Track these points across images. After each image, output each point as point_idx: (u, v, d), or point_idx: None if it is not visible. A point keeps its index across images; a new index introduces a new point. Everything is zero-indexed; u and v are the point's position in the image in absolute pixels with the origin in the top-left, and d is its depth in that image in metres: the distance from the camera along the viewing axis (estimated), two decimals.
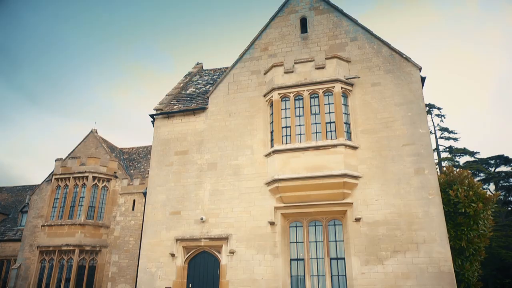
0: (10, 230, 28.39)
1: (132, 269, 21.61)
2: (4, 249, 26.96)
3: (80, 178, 23.98)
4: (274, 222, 11.74)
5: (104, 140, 28.31)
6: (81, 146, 27.24)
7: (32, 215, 25.12)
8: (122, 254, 22.91)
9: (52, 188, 24.29)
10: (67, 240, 22.48)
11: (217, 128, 13.61)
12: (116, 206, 24.23)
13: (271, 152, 12.22)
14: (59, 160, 24.88)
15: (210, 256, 12.31)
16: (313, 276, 11.24)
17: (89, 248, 22.65)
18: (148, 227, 13.12)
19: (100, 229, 23.44)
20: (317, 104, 12.37)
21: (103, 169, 24.45)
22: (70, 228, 22.84)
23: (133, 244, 22.68)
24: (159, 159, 13.91)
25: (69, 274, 21.92)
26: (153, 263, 12.51)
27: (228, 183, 12.71)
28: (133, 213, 23.91)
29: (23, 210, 28.52)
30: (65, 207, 23.46)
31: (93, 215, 23.44)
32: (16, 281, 23.40)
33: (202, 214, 12.56)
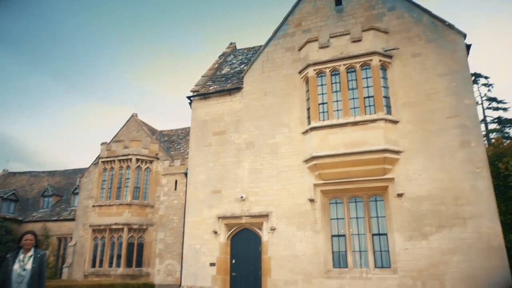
0: (64, 211, 30.38)
1: (178, 245, 22.56)
2: (61, 228, 28.95)
3: (124, 161, 25.05)
4: (314, 199, 11.77)
5: (145, 124, 29.24)
6: (124, 129, 28.31)
7: (83, 196, 26.68)
8: (168, 232, 23.94)
9: (99, 170, 25.59)
10: (116, 219, 23.78)
11: (253, 107, 13.64)
12: (159, 187, 25.19)
13: (308, 130, 12.13)
14: (104, 144, 26.08)
15: (251, 233, 12.60)
16: (355, 251, 11.25)
17: (137, 227, 23.85)
18: (190, 206, 13.58)
19: (145, 209, 24.55)
20: (354, 79, 12.06)
21: (145, 151, 25.37)
22: (118, 208, 24.10)
23: (177, 222, 23.59)
24: (198, 140, 14.21)
25: (120, 251, 23.28)
26: (197, 240, 13.00)
27: (266, 162, 12.81)
28: (175, 192, 24.77)
29: (75, 192, 30.32)
30: (112, 188, 24.72)
31: (139, 195, 24.54)
32: (74, 257, 25.19)
33: (242, 193, 12.80)
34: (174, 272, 22.86)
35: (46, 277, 5.98)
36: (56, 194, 32.16)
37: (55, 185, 33.60)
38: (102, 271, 22.91)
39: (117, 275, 22.21)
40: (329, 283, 10.97)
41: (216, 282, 12.28)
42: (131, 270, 23.06)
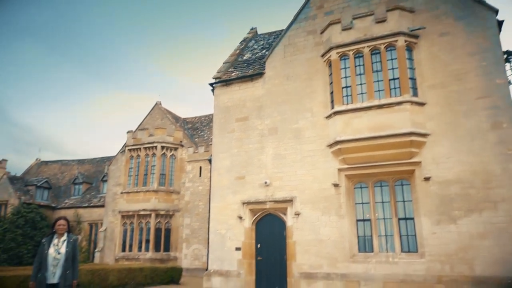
0: (94, 197, 31.42)
1: (204, 231, 23.01)
2: (91, 214, 30.02)
3: (149, 148, 25.55)
4: (338, 183, 11.69)
5: (169, 111, 29.62)
6: (148, 118, 28.80)
7: (112, 183, 27.47)
8: (194, 217, 24.43)
9: (126, 158, 26.23)
10: (143, 205, 24.42)
11: (275, 93, 13.56)
12: (184, 173, 25.62)
13: (332, 114, 11.98)
14: (130, 132, 26.64)
15: (276, 218, 12.68)
16: (380, 236, 11.16)
17: (164, 213, 24.43)
18: (215, 192, 13.76)
19: (171, 195, 25.06)
20: (378, 61, 11.75)
21: (170, 138, 25.78)
22: (145, 195, 24.72)
23: (203, 208, 24.00)
24: (221, 127, 14.29)
25: (148, 236, 23.97)
26: (222, 225, 13.20)
27: (290, 147, 12.77)
28: (200, 179, 25.15)
29: (104, 179, 31.27)
30: (139, 175, 25.34)
31: (165, 182, 25.06)
32: (104, 242, 26.13)
33: (265, 178, 12.85)
34: (201, 256, 23.39)
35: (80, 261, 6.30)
36: (86, 181, 33.28)
37: (84, 173, 34.72)
38: (131, 255, 23.70)
39: (146, 259, 22.93)
40: (354, 267, 10.96)
41: (242, 266, 12.48)
42: (159, 254, 23.73)
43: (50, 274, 5.96)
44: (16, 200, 29.78)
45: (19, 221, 28.06)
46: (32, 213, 28.91)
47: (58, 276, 5.97)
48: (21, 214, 28.43)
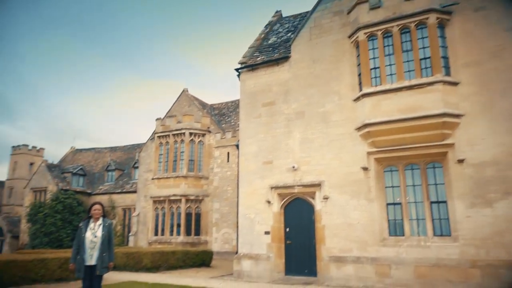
0: (127, 183, 32.43)
1: (233, 215, 23.36)
2: (125, 199, 31.05)
3: (178, 135, 25.98)
4: (367, 167, 11.52)
5: (196, 98, 29.90)
6: (176, 105, 29.19)
7: (143, 170, 28.23)
8: (223, 202, 24.81)
9: (156, 145, 26.81)
10: (173, 191, 25.00)
11: (301, 76, 13.40)
12: (212, 159, 25.95)
13: (360, 96, 11.74)
14: (159, 120, 27.14)
15: (304, 202, 12.68)
16: (412, 220, 10.97)
17: (193, 198, 24.93)
18: (243, 177, 13.89)
19: (200, 180, 25.50)
20: (408, 40, 11.35)
21: (197, 125, 26.08)
22: (175, 180, 25.27)
23: (231, 193, 24.31)
24: (247, 112, 14.31)
25: (179, 220, 24.59)
26: (251, 210, 13.35)
27: (317, 131, 12.65)
28: (228, 164, 25.41)
29: (135, 166, 32.16)
30: (168, 161, 25.89)
31: (193, 168, 25.51)
32: (138, 226, 27.04)
33: (293, 163, 12.83)
34: (231, 240, 23.81)
35: (115, 244, 6.59)
36: (118, 168, 34.34)
37: (117, 160, 35.82)
38: (164, 239, 24.44)
39: (178, 242, 23.59)
40: (385, 251, 10.86)
41: (271, 250, 12.62)
42: (190, 238, 24.35)
43: (88, 256, 6.26)
44: (54, 186, 31.17)
45: (58, 206, 29.48)
46: (69, 199, 30.27)
47: (96, 258, 6.27)
48: (59, 200, 29.83)
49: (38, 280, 11.33)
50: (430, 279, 10.03)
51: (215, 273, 14.93)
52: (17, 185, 45.59)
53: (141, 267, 15.23)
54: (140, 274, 14.24)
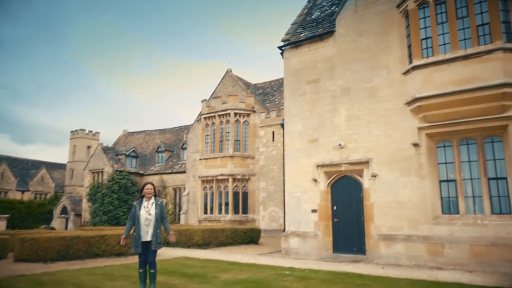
0: (176, 164, 33.61)
1: (279, 193, 23.55)
2: (175, 180, 32.27)
3: (223, 115, 26.36)
4: (418, 143, 11.05)
5: (239, 78, 29.99)
6: (220, 86, 29.50)
7: (190, 150, 29.07)
8: (269, 181, 25.04)
9: (202, 126, 27.41)
10: (220, 170, 25.57)
11: (347, 51, 12.96)
12: (257, 138, 26.12)
13: (410, 69, 11.17)
14: (204, 101, 27.63)
15: (351, 180, 12.48)
16: (467, 197, 10.45)
17: (240, 177, 25.38)
18: (288, 155, 13.88)
19: (246, 160, 25.84)
20: (464, 6, 10.53)
21: (242, 105, 26.25)
22: (222, 160, 25.82)
23: (277, 171, 24.44)
24: (292, 90, 14.15)
25: (227, 199, 25.22)
26: (297, 188, 13.37)
27: (364, 107, 12.27)
28: (273, 143, 25.48)
29: (183, 147, 33.18)
30: (215, 142, 26.44)
31: (239, 148, 25.86)
32: (188, 205, 28.09)
33: (339, 140, 12.60)
34: (278, 218, 24.10)
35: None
36: (167, 149, 35.61)
37: (166, 142, 37.13)
38: (213, 217, 25.25)
39: (226, 220, 24.28)
40: (438, 229, 10.48)
41: (318, 228, 12.63)
42: (238, 216, 24.94)
43: (144, 233, 6.61)
44: (110, 168, 33.01)
45: (114, 186, 31.31)
46: (124, 179, 32.01)
47: (151, 235, 6.61)
48: (115, 180, 31.64)
49: (99, 255, 12.21)
50: (487, 258, 9.58)
51: (263, 250, 15.25)
52: (77, 167, 48.90)
53: (193, 243, 15.89)
54: (191, 250, 14.87)
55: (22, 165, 49.23)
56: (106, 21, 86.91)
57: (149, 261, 6.63)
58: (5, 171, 44.70)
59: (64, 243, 11.54)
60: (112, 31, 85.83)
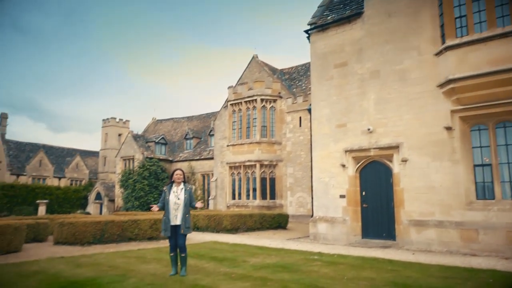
0: (204, 151, 34.05)
1: (307, 179, 23.48)
2: (203, 166, 32.75)
3: (250, 102, 26.34)
4: (451, 126, 10.67)
5: (265, 64, 29.79)
6: (247, 72, 29.41)
7: (218, 137, 29.34)
8: (296, 167, 24.99)
9: (229, 113, 27.53)
10: (248, 156, 25.71)
11: (376, 33, 12.58)
12: (284, 124, 26.01)
13: (443, 50, 10.73)
14: (230, 88, 27.68)
15: (381, 165, 12.26)
16: (503, 182, 10.05)
17: (267, 163, 25.44)
18: (316, 141, 13.76)
19: (273, 146, 25.83)
20: None
21: (268, 91, 26.13)
22: (249, 146, 25.93)
23: (305, 157, 24.34)
24: (319, 75, 13.94)
25: (255, 185, 25.39)
26: (325, 174, 13.28)
27: (394, 90, 11.94)
28: (300, 129, 25.31)
29: (211, 134, 33.52)
30: (242, 128, 26.54)
31: (266, 134, 25.85)
32: (216, 190, 28.52)
33: (368, 125, 12.36)
34: (306, 204, 24.09)
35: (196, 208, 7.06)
36: (195, 136, 36.09)
37: (194, 129, 37.61)
38: (241, 202, 25.53)
39: (254, 206, 24.50)
40: (471, 215, 10.17)
41: (347, 213, 12.54)
42: (266, 202, 25.10)
43: (173, 217, 6.80)
44: (140, 155, 33.86)
45: (145, 173, 32.18)
46: (154, 166, 32.81)
47: (180, 219, 6.79)
48: (145, 167, 32.48)
49: (132, 239, 12.64)
50: None
51: (291, 235, 15.33)
52: (109, 154, 50.48)
53: (221, 228, 16.17)
54: (220, 235, 15.15)
55: (58, 153, 51.29)
56: (132, 10, 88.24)
57: (179, 245, 6.81)
58: (43, 159, 46.73)
59: (99, 227, 12.02)
60: (138, 20, 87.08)
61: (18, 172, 43.94)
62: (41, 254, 9.90)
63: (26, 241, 11.51)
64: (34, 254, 9.91)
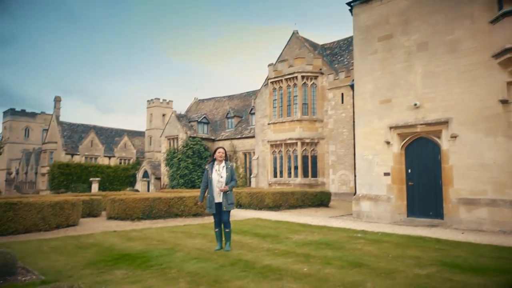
0: (245, 129, 34.32)
1: (349, 157, 23.11)
2: (244, 144, 33.09)
3: (290, 79, 26.04)
4: (508, 99, 9.97)
5: (306, 40, 29.14)
6: (287, 49, 28.96)
7: (259, 115, 29.40)
8: (338, 144, 24.61)
9: (269, 91, 27.41)
10: (289, 134, 25.63)
11: (424, 2, 11.84)
12: (326, 101, 25.55)
13: (500, 16, 9.92)
14: (271, 65, 27.44)
15: (428, 141, 11.78)
16: None
17: (309, 141, 25.25)
18: (359, 117, 13.42)
19: (315, 123, 25.53)
20: None
21: (309, 67, 25.65)
22: (290, 124, 25.80)
23: (347, 134, 23.88)
24: (362, 49, 13.44)
25: (296, 163, 25.37)
26: (369, 151, 12.97)
27: (443, 63, 11.29)
28: (342, 105, 24.76)
29: (251, 112, 33.64)
30: (283, 106, 26.39)
31: (307, 111, 25.56)
32: (258, 168, 28.81)
33: (415, 100, 11.84)
34: (348, 182, 23.80)
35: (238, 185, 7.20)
36: (236, 115, 36.40)
37: (235, 107, 37.90)
38: (282, 180, 25.66)
39: (296, 184, 24.54)
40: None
41: (391, 191, 12.25)
42: (307, 179, 25.06)
43: (216, 195, 6.98)
44: (184, 134, 34.75)
45: (188, 152, 33.09)
46: (197, 145, 33.62)
47: (223, 196, 6.95)
48: (189, 146, 33.37)
49: (179, 215, 13.17)
50: None
51: (334, 213, 15.26)
52: (154, 134, 52.29)
53: (264, 206, 16.40)
54: (262, 212, 15.39)
55: (107, 133, 53.82)
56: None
57: (224, 221, 7.02)
58: (94, 139, 49.26)
59: (148, 204, 12.60)
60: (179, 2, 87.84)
61: (72, 152, 46.72)
62: (96, 228, 10.58)
63: (82, 216, 12.35)
64: (90, 228, 10.62)
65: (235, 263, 6.01)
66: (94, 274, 5.42)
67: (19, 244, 7.98)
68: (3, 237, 8.94)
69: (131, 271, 5.55)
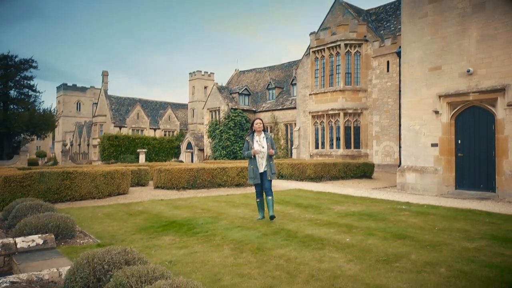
0: (286, 100, 34.02)
1: (394, 127, 22.37)
2: (286, 115, 32.90)
3: (333, 48, 25.23)
4: None
5: (350, 5, 27.90)
6: (329, 16, 27.92)
7: (300, 86, 28.95)
8: (383, 115, 23.84)
9: (311, 60, 26.78)
10: (331, 105, 25.12)
11: None
12: (370, 70, 24.61)
13: None
14: (312, 34, 26.67)
15: (481, 110, 11.09)
16: None
17: (351, 111, 24.64)
18: (406, 86, 12.83)
19: (358, 93, 24.78)
20: None
21: (353, 35, 24.68)
22: (332, 95, 25.23)
23: (392, 104, 23.03)
24: (411, 12, 12.67)
25: (338, 134, 24.95)
26: (415, 121, 12.46)
27: (503, 24, 10.41)
28: (388, 74, 23.77)
29: (293, 83, 33.17)
30: (325, 76, 25.77)
31: (350, 81, 24.80)
32: (299, 140, 28.68)
33: (468, 66, 11.10)
34: (392, 153, 23.16)
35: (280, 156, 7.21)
36: (277, 86, 36.05)
37: (275, 78, 37.52)
38: (324, 152, 25.41)
39: (338, 155, 24.23)
40: None
41: (439, 163, 11.79)
42: (350, 151, 24.63)
43: (259, 165, 7.05)
44: (225, 106, 35.07)
45: (230, 123, 33.48)
46: (238, 116, 33.89)
47: (264, 166, 7.02)
48: (230, 118, 33.71)
49: (221, 185, 13.50)
50: None
51: (377, 185, 14.99)
52: (196, 106, 53.25)
53: (305, 177, 16.40)
54: (304, 183, 15.41)
55: (152, 106, 55.48)
56: None
57: (266, 188, 7.08)
58: (140, 112, 51.01)
59: (192, 174, 13.01)
60: None
61: (120, 124, 48.78)
62: (144, 197, 11.13)
63: (131, 185, 13.01)
64: (139, 196, 11.19)
65: (277, 232, 6.12)
66: (144, 239, 5.75)
67: (76, 210, 8.59)
68: (62, 204, 9.66)
69: (178, 237, 5.82)
